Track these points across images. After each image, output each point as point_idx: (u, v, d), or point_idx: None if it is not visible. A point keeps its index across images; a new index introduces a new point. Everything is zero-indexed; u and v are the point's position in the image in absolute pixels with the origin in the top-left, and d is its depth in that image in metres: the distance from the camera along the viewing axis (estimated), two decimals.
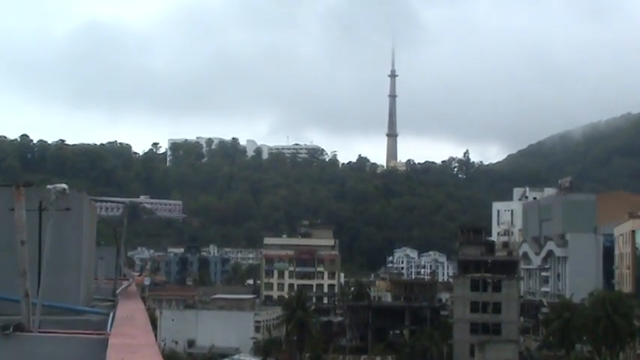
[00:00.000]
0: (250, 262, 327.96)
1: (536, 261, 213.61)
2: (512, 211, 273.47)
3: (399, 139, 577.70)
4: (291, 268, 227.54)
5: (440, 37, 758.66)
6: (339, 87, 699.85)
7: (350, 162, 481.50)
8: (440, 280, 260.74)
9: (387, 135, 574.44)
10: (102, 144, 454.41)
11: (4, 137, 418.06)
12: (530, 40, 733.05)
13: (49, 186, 12.85)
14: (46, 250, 12.10)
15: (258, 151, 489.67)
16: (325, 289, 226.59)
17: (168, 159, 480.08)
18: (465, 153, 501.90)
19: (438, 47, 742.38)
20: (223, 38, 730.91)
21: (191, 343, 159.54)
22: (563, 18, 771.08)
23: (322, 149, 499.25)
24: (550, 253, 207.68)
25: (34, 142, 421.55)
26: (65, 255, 13.87)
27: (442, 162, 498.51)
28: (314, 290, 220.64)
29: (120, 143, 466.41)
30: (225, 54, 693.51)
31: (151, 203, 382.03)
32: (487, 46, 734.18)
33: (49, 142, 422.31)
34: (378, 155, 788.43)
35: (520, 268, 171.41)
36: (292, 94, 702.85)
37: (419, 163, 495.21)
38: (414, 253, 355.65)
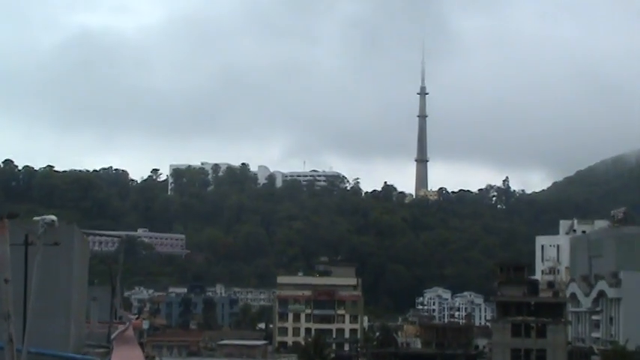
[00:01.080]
0: (262, 303, 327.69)
1: (586, 303, 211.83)
2: (558, 246, 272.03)
3: (429, 164, 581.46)
4: (308, 311, 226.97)
5: (476, 49, 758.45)
6: (361, 106, 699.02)
7: (374, 191, 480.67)
8: (476, 324, 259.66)
9: (417, 160, 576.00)
10: (95, 170, 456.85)
11: None
12: (579, 53, 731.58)
13: (35, 218, 12.83)
14: (32, 290, 12.05)
15: (271, 178, 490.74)
16: (346, 335, 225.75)
17: (169, 187, 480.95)
18: (504, 180, 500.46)
19: (473, 61, 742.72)
20: (231, 51, 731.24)
21: None
22: (614, 28, 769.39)
23: (343, 176, 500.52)
24: (601, 293, 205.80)
25: (19, 168, 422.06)
26: (54, 295, 13.82)
27: (479, 190, 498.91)
28: (334, 336, 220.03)
29: (115, 169, 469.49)
30: (233, 69, 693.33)
31: (150, 237, 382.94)
32: (529, 60, 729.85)
33: (36, 168, 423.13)
34: (406, 183, 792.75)
35: (567, 310, 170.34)
36: (309, 115, 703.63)
37: (452, 192, 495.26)
38: (446, 294, 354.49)
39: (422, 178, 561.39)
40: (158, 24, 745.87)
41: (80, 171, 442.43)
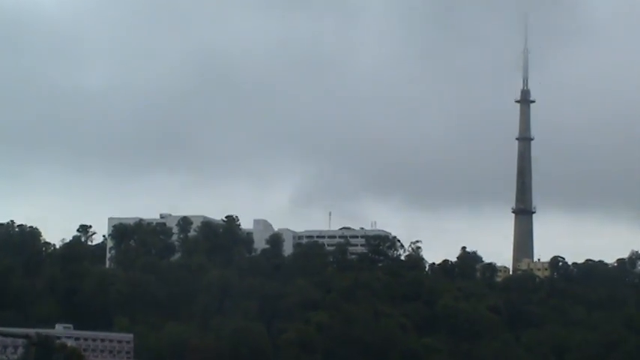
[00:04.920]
0: None
1: None
2: None
3: (536, 219, 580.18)
4: None
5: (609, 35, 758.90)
6: (424, 124, 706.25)
7: (445, 262, 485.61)
8: None
9: (515, 212, 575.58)
10: None
11: None
12: None
13: None
14: None
15: (275, 240, 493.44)
16: None
17: (107, 254, 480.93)
18: None
19: (606, 51, 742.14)
20: (208, 35, 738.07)
21: None
22: None
23: (393, 237, 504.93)
24: None
25: None
26: None
27: (617, 262, 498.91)
28: None
29: (20, 226, 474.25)
30: (211, 60, 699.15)
31: (77, 338, 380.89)
32: None
33: None
34: (497, 250, 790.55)
35: None
36: (337, 136, 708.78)
37: (574, 264, 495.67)
38: None
39: (524, 242, 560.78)
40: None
41: None
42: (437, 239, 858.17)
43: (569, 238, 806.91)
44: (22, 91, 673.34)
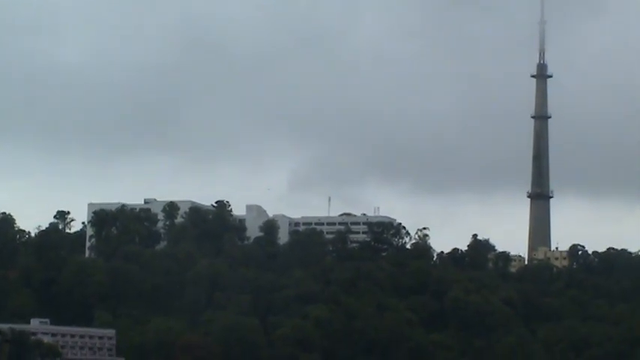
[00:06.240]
0: None
1: None
2: None
3: (553, 203, 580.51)
4: None
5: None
6: (432, 102, 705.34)
7: (455, 250, 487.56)
8: None
9: (531, 196, 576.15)
10: None
11: None
12: None
13: None
14: None
15: (270, 227, 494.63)
16: None
17: (87, 242, 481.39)
18: None
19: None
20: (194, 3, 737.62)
21: None
22: None
23: (398, 224, 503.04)
24: None
25: None
26: None
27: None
28: None
29: None
30: (197, 32, 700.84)
31: (54, 334, 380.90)
32: None
33: None
34: (511, 237, 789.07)
35: None
36: (338, 116, 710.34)
37: (594, 253, 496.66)
38: None
39: (541, 229, 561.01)
40: None
41: None
42: (446, 226, 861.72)
43: (589, 225, 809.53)
44: None
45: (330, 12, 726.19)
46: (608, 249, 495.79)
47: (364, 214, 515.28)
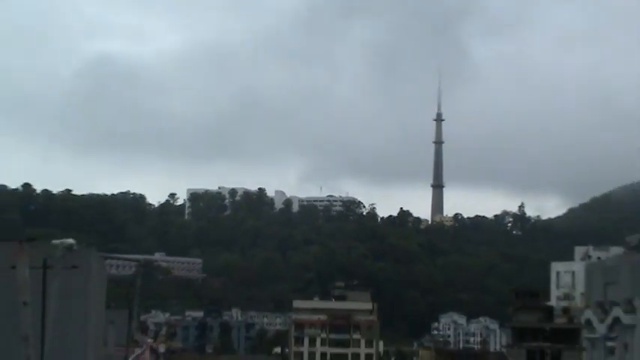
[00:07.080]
0: (278, 327, 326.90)
1: (601, 329, 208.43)
2: (573, 272, 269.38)
3: (445, 190, 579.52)
4: (324, 335, 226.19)
5: (492, 75, 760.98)
6: (378, 132, 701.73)
7: (390, 216, 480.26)
8: (491, 349, 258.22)
9: (432, 186, 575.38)
10: (112, 194, 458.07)
11: (5, 186, 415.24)
12: (595, 80, 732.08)
13: (54, 241, 13.02)
14: (50, 313, 12.18)
15: (288, 203, 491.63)
16: (362, 359, 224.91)
17: (186, 212, 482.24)
18: (519, 206, 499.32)
19: (490, 87, 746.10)
20: (248, 76, 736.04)
21: None
22: (632, 54, 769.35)
23: (359, 202, 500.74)
24: (616, 320, 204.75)
25: (38, 191, 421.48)
26: (71, 318, 13.97)
27: (494, 217, 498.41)
28: None
29: (132, 193, 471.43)
30: (251, 94, 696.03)
31: (167, 261, 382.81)
32: (546, 86, 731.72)
33: (54, 192, 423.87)
34: (422, 209, 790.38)
35: (582, 337, 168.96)
36: (326, 140, 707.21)
37: (468, 218, 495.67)
38: (462, 319, 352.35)
39: (438, 204, 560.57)
40: (176, 49, 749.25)
41: (98, 195, 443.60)
42: (386, 203, 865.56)
43: (465, 201, 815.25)
44: (132, 114, 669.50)
45: (319, 91, 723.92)
46: (475, 216, 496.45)
47: (340, 196, 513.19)
